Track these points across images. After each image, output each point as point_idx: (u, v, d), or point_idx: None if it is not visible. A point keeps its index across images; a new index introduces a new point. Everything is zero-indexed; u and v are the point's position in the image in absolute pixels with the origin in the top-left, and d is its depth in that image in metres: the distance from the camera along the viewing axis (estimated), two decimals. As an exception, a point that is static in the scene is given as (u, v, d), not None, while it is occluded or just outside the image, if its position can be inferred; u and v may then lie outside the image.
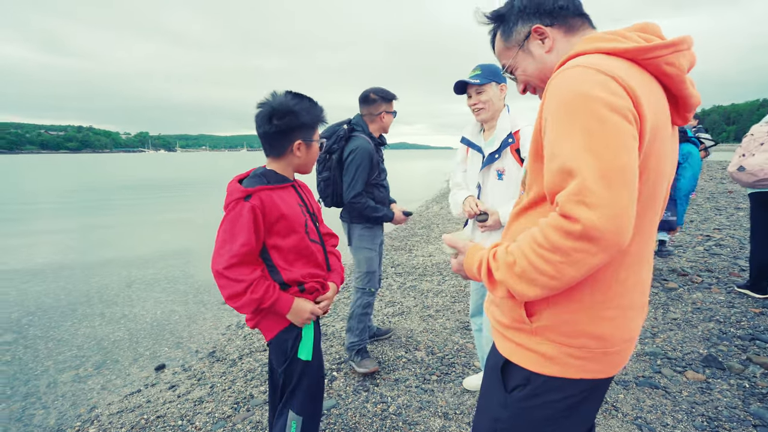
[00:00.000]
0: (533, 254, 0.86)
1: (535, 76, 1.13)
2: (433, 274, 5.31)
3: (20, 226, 10.19)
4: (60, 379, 3.25)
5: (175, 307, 4.72)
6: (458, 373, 2.91)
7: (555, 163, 0.85)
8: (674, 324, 3.49)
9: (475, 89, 2.19)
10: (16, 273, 6.13)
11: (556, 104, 0.87)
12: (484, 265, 0.99)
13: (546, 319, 0.99)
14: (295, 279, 1.64)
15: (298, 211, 1.66)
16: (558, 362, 0.99)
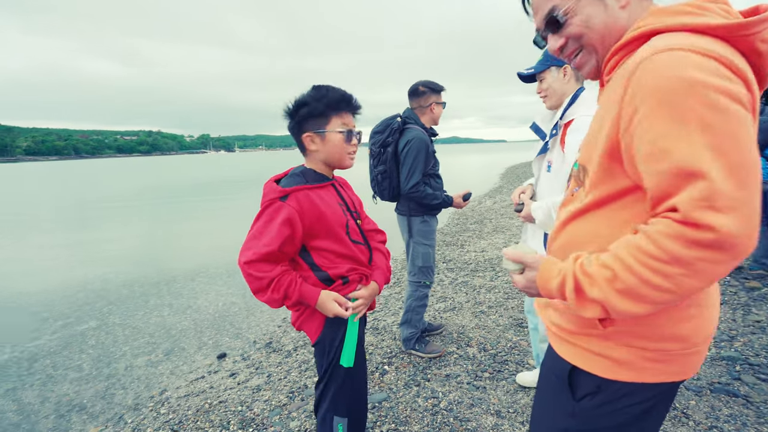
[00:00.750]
0: (642, 267, 0.77)
1: (597, 32, 0.94)
2: (485, 269, 5.20)
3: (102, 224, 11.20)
4: (135, 363, 3.54)
5: (235, 300, 4.97)
6: (511, 371, 2.83)
7: (665, 163, 0.74)
8: (757, 327, 3.17)
9: (538, 77, 2.09)
10: (99, 266, 6.74)
11: (656, 94, 0.75)
12: (570, 281, 0.87)
13: (620, 324, 0.91)
14: (340, 274, 1.61)
15: (338, 211, 1.60)
16: (634, 367, 0.92)
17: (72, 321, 4.53)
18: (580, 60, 1.00)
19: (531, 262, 0.97)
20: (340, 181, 1.77)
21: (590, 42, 0.95)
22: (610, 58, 0.94)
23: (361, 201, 1.86)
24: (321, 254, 1.59)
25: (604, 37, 0.94)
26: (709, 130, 0.71)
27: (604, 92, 0.96)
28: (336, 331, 1.63)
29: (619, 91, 0.82)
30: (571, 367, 1.00)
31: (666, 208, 0.76)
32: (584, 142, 0.98)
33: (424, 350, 3.04)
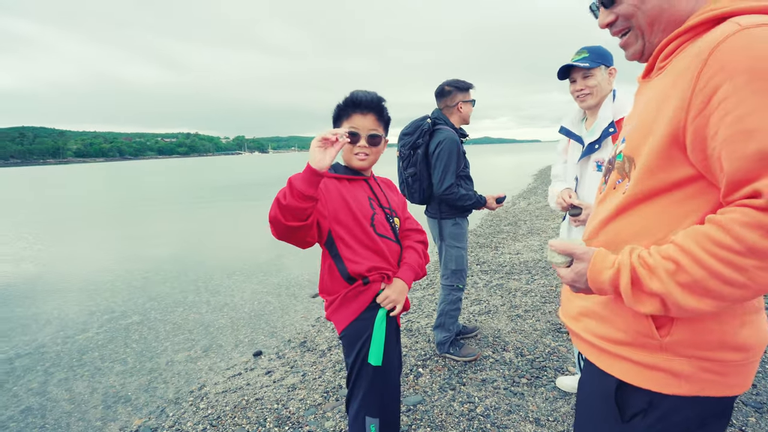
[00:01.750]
0: (712, 258, 0.71)
1: (648, 15, 0.89)
2: (521, 272, 5.07)
3: (144, 222, 11.71)
4: (176, 359, 3.66)
5: (270, 299, 5.07)
6: (550, 377, 2.74)
7: (752, 144, 0.68)
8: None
9: (581, 74, 2.05)
10: (141, 262, 7.04)
11: (748, 70, 0.69)
12: (626, 272, 0.81)
13: (678, 333, 0.84)
14: (359, 272, 1.59)
15: (365, 204, 1.64)
16: (693, 380, 0.84)
17: (117, 315, 4.73)
18: (626, 40, 0.97)
19: (581, 254, 0.90)
20: (381, 181, 1.81)
21: (639, 24, 0.92)
22: (669, 42, 0.88)
23: (405, 201, 1.91)
24: (345, 244, 1.60)
25: (655, 22, 0.90)
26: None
27: (658, 79, 0.90)
28: (363, 325, 1.61)
29: (690, 74, 0.76)
30: (618, 383, 0.91)
31: (745, 195, 0.70)
32: (630, 131, 0.93)
33: (459, 353, 3.00)
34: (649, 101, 0.90)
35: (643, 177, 0.85)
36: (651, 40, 0.92)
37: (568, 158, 2.24)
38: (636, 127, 0.91)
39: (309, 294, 5.12)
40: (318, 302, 4.84)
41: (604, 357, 0.94)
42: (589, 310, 0.98)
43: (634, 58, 0.99)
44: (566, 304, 1.10)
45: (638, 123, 0.90)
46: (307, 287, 5.40)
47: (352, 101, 1.62)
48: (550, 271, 5.02)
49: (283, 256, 7.03)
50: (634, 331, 0.88)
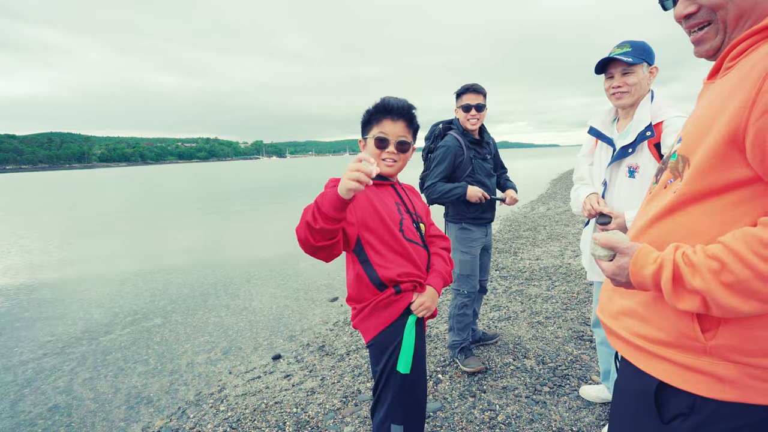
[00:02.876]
0: (758, 259, 0.71)
1: (740, 7, 0.85)
2: (541, 278, 4.99)
3: (165, 225, 11.95)
4: (196, 361, 3.70)
5: (288, 303, 5.10)
6: (573, 386, 2.68)
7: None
8: None
9: (621, 69, 1.91)
10: (163, 265, 7.18)
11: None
12: (668, 268, 0.81)
13: (724, 337, 0.82)
14: (391, 278, 1.59)
15: (393, 209, 1.65)
16: (739, 385, 0.82)
17: (139, 317, 4.83)
18: (704, 35, 0.92)
19: (625, 248, 0.91)
20: (405, 187, 1.83)
21: (725, 17, 0.87)
22: (740, 41, 0.86)
23: (428, 209, 1.92)
24: (374, 249, 1.60)
25: (743, 16, 0.86)
26: None
27: (724, 80, 0.88)
28: (392, 333, 1.61)
29: (757, 72, 0.75)
30: (659, 383, 0.90)
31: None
32: (688, 131, 0.91)
33: (463, 362, 2.93)
34: (711, 101, 0.88)
35: (696, 176, 0.84)
36: (733, 35, 0.89)
37: (595, 161, 2.14)
38: (695, 126, 0.89)
39: (327, 298, 5.14)
40: (336, 306, 4.85)
41: (645, 356, 0.93)
42: (631, 309, 0.97)
43: (707, 55, 0.94)
44: (606, 303, 1.09)
45: (697, 122, 0.89)
46: (325, 291, 5.42)
47: (383, 107, 1.64)
48: (571, 278, 4.93)
49: (301, 260, 7.07)
50: (677, 332, 0.87)
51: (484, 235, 2.95)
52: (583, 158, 2.24)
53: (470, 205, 2.84)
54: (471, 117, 2.78)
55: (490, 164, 2.96)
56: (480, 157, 2.88)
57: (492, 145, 3.05)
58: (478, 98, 2.77)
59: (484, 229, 2.95)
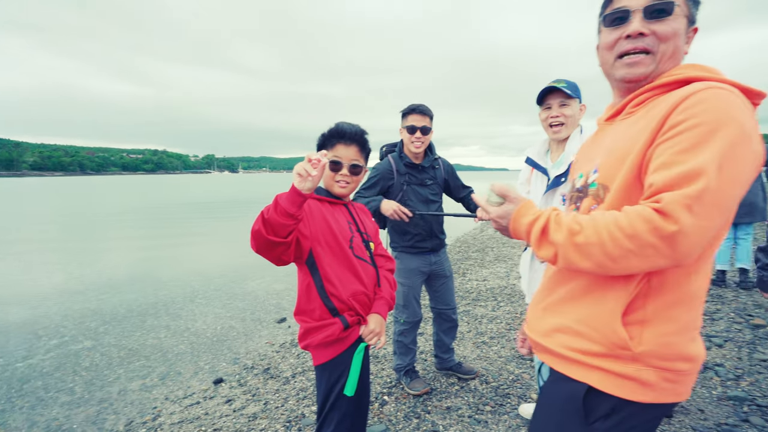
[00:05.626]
0: (607, 234, 0.87)
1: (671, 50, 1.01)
2: (487, 299, 5.15)
3: (102, 242, 11.18)
4: (129, 387, 3.46)
5: (234, 324, 4.91)
6: (513, 405, 2.76)
7: (679, 168, 0.84)
8: (763, 366, 3.11)
9: (559, 101, 2.06)
10: (96, 283, 6.69)
11: (705, 118, 0.86)
12: (540, 222, 0.98)
13: (648, 343, 0.95)
14: (342, 299, 1.64)
15: (344, 227, 1.73)
16: (655, 388, 0.96)
17: (67, 340, 4.46)
18: (643, 59, 1.02)
19: (513, 197, 1.07)
20: (356, 206, 1.90)
21: (665, 51, 1.01)
22: (645, 91, 1.03)
23: (377, 229, 2.01)
24: (326, 263, 1.65)
25: (672, 57, 1.02)
26: (726, 158, 0.83)
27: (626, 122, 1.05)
28: (342, 358, 1.66)
29: (661, 114, 0.92)
30: (587, 389, 1.01)
31: (653, 200, 0.85)
32: (604, 163, 1.05)
33: (408, 384, 2.94)
34: (619, 139, 1.03)
35: (616, 201, 0.98)
36: (660, 70, 1.02)
37: (532, 188, 2.26)
38: (609, 159, 1.03)
39: (275, 319, 5.01)
40: (283, 327, 4.74)
41: (579, 368, 1.03)
42: (565, 326, 1.07)
43: (637, 80, 1.04)
44: (536, 322, 1.18)
45: (611, 156, 1.03)
46: (273, 312, 5.28)
47: (337, 132, 1.73)
48: (515, 298, 5.12)
49: (250, 278, 6.87)
50: (611, 344, 0.97)
51: (426, 264, 2.86)
52: (520, 186, 2.36)
53: (404, 233, 2.79)
54: (415, 139, 2.68)
55: (431, 190, 2.83)
56: (416, 183, 2.78)
57: (440, 171, 2.91)
58: (424, 120, 2.68)
59: (427, 257, 2.86)
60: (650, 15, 0.99)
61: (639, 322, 0.96)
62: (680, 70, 1.00)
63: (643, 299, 0.96)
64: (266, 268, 6.92)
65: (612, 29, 1.05)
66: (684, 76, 0.97)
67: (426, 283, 3.00)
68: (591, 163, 1.11)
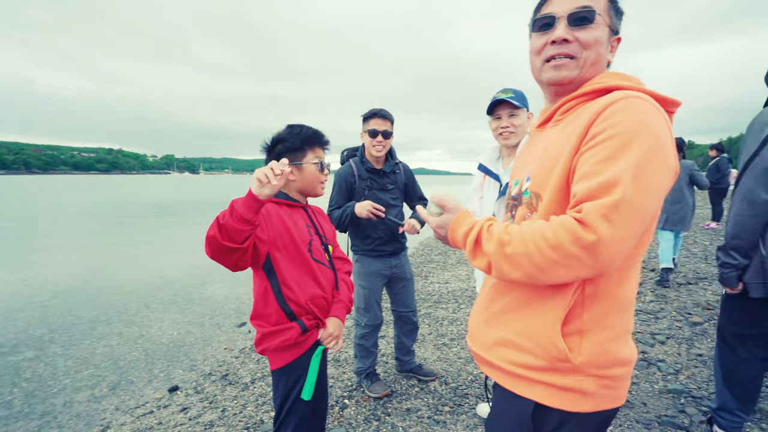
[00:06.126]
0: (533, 244, 0.89)
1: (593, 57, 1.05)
2: (448, 301, 5.25)
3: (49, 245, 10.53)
4: (76, 399, 3.29)
5: (191, 329, 4.77)
6: (471, 404, 2.84)
7: (598, 178, 0.87)
8: (699, 360, 3.34)
9: (508, 111, 2.14)
10: (43, 291, 6.31)
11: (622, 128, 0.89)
12: (474, 231, 1.00)
13: (586, 353, 0.97)
14: (299, 303, 1.64)
15: (303, 230, 1.72)
16: (596, 396, 0.98)
17: (5, 351, 4.19)
18: (567, 63, 1.06)
19: (451, 207, 1.10)
20: (314, 209, 1.90)
21: (587, 58, 1.05)
22: (569, 100, 1.07)
23: (335, 231, 2.02)
24: (283, 267, 1.63)
25: (594, 64, 1.06)
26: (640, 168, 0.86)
27: (555, 129, 1.08)
28: (299, 362, 1.66)
29: (584, 123, 0.95)
30: (535, 405, 1.01)
31: (576, 210, 0.88)
32: (536, 171, 1.07)
33: (369, 387, 2.96)
34: (549, 146, 1.05)
35: (549, 209, 0.99)
36: (584, 76, 1.06)
37: (484, 194, 2.32)
38: (540, 167, 1.05)
39: (234, 323, 4.90)
40: (243, 332, 4.64)
41: (521, 383, 1.03)
42: (506, 339, 1.06)
43: (562, 84, 1.08)
44: (478, 334, 1.17)
45: (541, 164, 1.05)
46: (233, 316, 5.16)
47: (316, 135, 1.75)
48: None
49: (209, 283, 6.68)
50: (551, 357, 0.98)
51: (387, 267, 2.89)
52: (473, 192, 2.42)
53: (366, 236, 2.79)
54: (377, 143, 2.69)
55: (392, 195, 2.85)
56: (377, 187, 2.80)
57: (401, 175, 2.94)
58: (385, 124, 2.70)
59: (387, 260, 2.88)
60: (573, 22, 1.03)
61: (577, 332, 0.97)
62: (603, 79, 1.04)
63: (580, 309, 0.97)
64: (226, 272, 6.72)
65: (540, 35, 1.09)
66: (605, 85, 1.00)
67: (387, 286, 3.02)
68: (524, 170, 1.13)
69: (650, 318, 4.30)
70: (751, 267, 1.93)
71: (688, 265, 6.39)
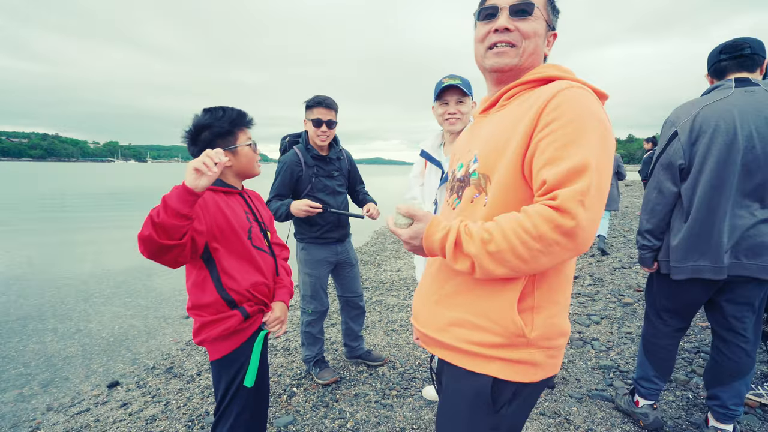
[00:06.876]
0: (515, 238, 0.91)
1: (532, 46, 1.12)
2: (399, 288, 5.34)
3: (-28, 237, 9.67)
4: (2, 399, 3.08)
5: (134, 322, 4.57)
6: (418, 387, 2.92)
7: (566, 163, 0.91)
8: (628, 338, 3.61)
9: (456, 98, 2.15)
10: (-36, 286, 5.81)
11: (573, 115, 0.95)
12: (452, 235, 0.99)
13: (539, 328, 1.04)
14: (239, 291, 1.61)
15: (242, 217, 1.68)
16: (544, 366, 1.06)
17: None
18: (508, 50, 1.12)
19: (421, 216, 1.07)
20: (250, 194, 1.86)
21: (526, 47, 1.12)
22: (512, 88, 1.13)
23: (272, 216, 1.98)
24: (222, 257, 1.60)
25: (532, 54, 1.13)
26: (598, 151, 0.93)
27: (499, 115, 1.14)
28: (241, 350, 1.63)
29: (534, 110, 1.00)
30: (492, 380, 1.05)
31: (548, 197, 0.91)
32: (483, 153, 1.10)
33: (317, 374, 2.97)
34: (496, 130, 1.10)
35: (500, 190, 1.03)
36: (523, 64, 1.13)
37: (426, 181, 2.35)
38: (488, 149, 1.09)
39: (181, 315, 4.75)
40: (190, 323, 4.50)
41: (478, 360, 1.06)
42: (462, 319, 1.09)
43: (501, 70, 1.14)
44: (427, 317, 1.19)
45: (489, 146, 1.09)
46: (179, 308, 4.99)
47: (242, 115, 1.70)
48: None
49: (154, 275, 6.41)
50: (510, 334, 1.03)
51: (333, 254, 2.90)
52: (414, 179, 2.45)
53: (312, 224, 2.77)
54: (321, 133, 2.68)
55: (338, 181, 2.86)
56: (324, 174, 2.80)
57: (344, 162, 2.95)
58: (330, 114, 2.68)
59: (333, 247, 2.89)
60: (515, 13, 1.10)
61: (530, 309, 1.03)
62: (543, 69, 1.12)
63: (531, 287, 1.03)
64: (174, 264, 6.49)
65: (484, 23, 1.15)
66: (547, 75, 1.09)
67: (333, 273, 3.03)
68: (470, 153, 1.16)
69: (587, 300, 4.59)
70: (662, 247, 2.14)
71: (624, 250, 6.84)
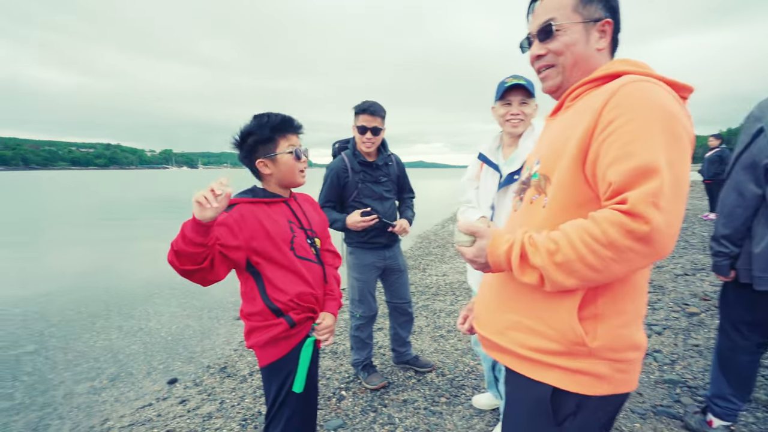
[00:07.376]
0: (583, 246, 0.86)
1: (574, 57, 1.08)
2: (446, 293, 5.26)
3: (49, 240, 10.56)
4: (76, 390, 3.32)
5: (190, 322, 4.79)
6: (468, 395, 2.85)
7: (631, 162, 0.85)
8: (695, 351, 3.36)
9: (520, 99, 2.06)
10: (42, 286, 6.33)
11: (635, 110, 0.88)
12: (517, 247, 0.96)
13: (602, 338, 0.97)
14: (284, 302, 1.60)
15: (284, 228, 1.64)
16: (610, 380, 0.99)
17: (5, 345, 4.20)
18: (548, 73, 1.13)
19: (483, 232, 1.05)
20: (301, 199, 1.83)
21: (564, 63, 1.09)
22: (578, 87, 1.08)
23: (325, 222, 1.94)
24: (267, 269, 1.61)
25: (576, 64, 1.09)
26: (669, 147, 0.86)
27: (566, 115, 1.09)
28: (289, 357, 1.64)
29: (596, 108, 0.94)
30: (552, 390, 1.01)
31: (617, 201, 0.86)
32: (545, 154, 1.07)
33: (366, 379, 2.97)
34: (559, 131, 1.06)
35: (559, 191, 1.00)
36: (569, 78, 1.11)
37: (481, 185, 2.25)
38: (549, 150, 1.06)
39: (233, 317, 4.92)
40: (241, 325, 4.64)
41: (537, 367, 1.03)
42: (518, 323, 1.06)
43: (550, 91, 1.16)
44: (488, 319, 1.17)
45: (551, 147, 1.06)
46: (232, 310, 5.18)
47: (285, 121, 1.64)
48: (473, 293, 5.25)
49: (208, 277, 6.69)
50: (567, 341, 0.98)
51: (381, 259, 2.89)
52: (468, 182, 2.35)
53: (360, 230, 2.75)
54: (366, 140, 2.68)
55: (385, 187, 2.84)
56: (371, 180, 2.78)
57: (393, 167, 2.92)
58: (375, 121, 2.66)
59: (381, 252, 2.88)
60: (541, 38, 1.10)
61: (592, 317, 0.97)
62: (609, 65, 1.05)
63: (593, 294, 0.97)
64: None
65: (530, 50, 1.16)
66: (614, 71, 1.02)
67: (381, 278, 3.03)
68: (535, 156, 1.14)
69: (648, 309, 4.31)
70: (742, 255, 1.96)
71: (686, 256, 6.40)
